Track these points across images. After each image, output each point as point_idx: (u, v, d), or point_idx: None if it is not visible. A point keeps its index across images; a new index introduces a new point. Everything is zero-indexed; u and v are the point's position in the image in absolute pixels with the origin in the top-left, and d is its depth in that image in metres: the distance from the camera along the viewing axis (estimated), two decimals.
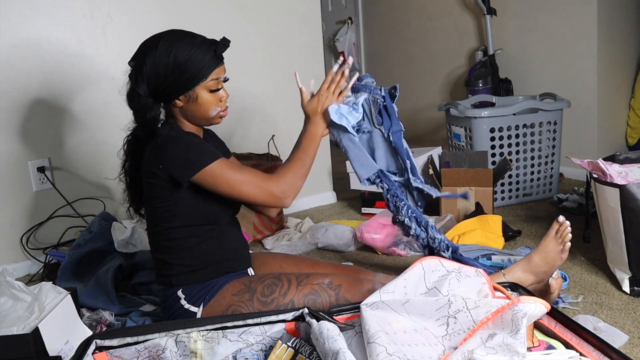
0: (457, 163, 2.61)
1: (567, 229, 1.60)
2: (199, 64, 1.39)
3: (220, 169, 1.38)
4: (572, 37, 3.09)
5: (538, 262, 1.60)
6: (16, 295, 1.49)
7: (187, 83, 1.40)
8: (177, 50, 1.38)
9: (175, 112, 1.46)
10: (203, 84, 1.41)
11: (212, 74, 1.41)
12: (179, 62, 1.38)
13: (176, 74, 1.38)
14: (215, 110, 1.46)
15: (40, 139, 2.33)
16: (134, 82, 1.41)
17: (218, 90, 1.44)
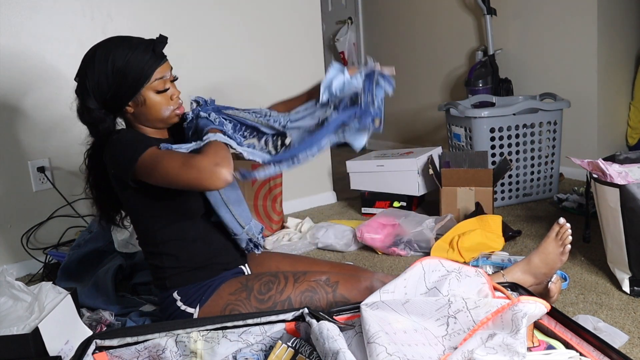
0: (457, 163, 2.61)
1: (567, 231, 1.60)
2: (138, 66, 1.36)
3: (150, 157, 1.31)
4: (572, 37, 3.09)
5: (538, 264, 1.60)
6: (16, 295, 1.49)
7: (131, 88, 1.37)
8: (114, 57, 1.35)
9: (130, 120, 1.44)
10: (148, 86, 1.38)
11: (154, 74, 1.38)
12: (118, 67, 1.35)
13: (118, 81, 1.36)
14: (168, 110, 1.42)
15: (40, 139, 2.33)
16: (81, 98, 1.41)
17: (166, 90, 1.41)
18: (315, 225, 2.49)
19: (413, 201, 2.78)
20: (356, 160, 2.87)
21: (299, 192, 2.99)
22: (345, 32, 4.58)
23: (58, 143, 2.37)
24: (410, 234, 2.25)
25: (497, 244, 2.13)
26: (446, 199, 2.53)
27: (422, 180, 2.71)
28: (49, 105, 2.32)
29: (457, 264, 1.27)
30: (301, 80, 3.01)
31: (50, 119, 2.33)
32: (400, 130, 4.43)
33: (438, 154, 2.79)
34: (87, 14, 2.36)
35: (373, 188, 2.80)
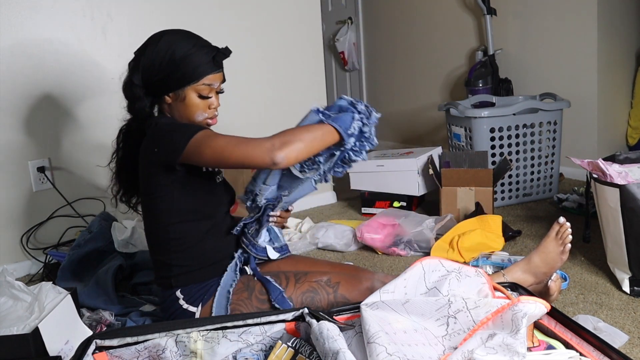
0: (457, 163, 2.61)
1: (567, 230, 1.60)
2: (193, 65, 1.39)
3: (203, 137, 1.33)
4: (572, 37, 3.09)
5: (538, 263, 1.60)
6: (16, 295, 1.49)
7: (178, 81, 1.40)
8: (177, 47, 1.39)
9: (164, 109, 1.47)
10: (193, 86, 1.41)
11: (204, 79, 1.41)
12: (175, 58, 1.38)
13: (169, 70, 1.39)
14: (202, 116, 1.45)
15: (40, 139, 2.33)
16: (130, 71, 1.44)
17: (208, 97, 1.44)
18: (315, 225, 2.49)
19: (413, 201, 2.78)
20: None
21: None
22: (345, 32, 4.57)
23: (58, 143, 2.37)
24: (410, 234, 2.25)
25: (497, 244, 2.13)
26: (446, 199, 2.53)
27: (422, 180, 2.71)
28: (49, 105, 2.32)
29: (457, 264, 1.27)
30: (301, 80, 3.03)
31: (50, 119, 2.34)
32: (400, 130, 4.43)
33: (438, 154, 2.79)
34: (87, 14, 2.36)
35: (373, 188, 2.80)
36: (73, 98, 2.38)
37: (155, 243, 1.50)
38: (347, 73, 4.81)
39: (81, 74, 2.38)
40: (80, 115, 2.40)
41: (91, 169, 2.45)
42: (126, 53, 2.45)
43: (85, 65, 2.38)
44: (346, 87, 4.87)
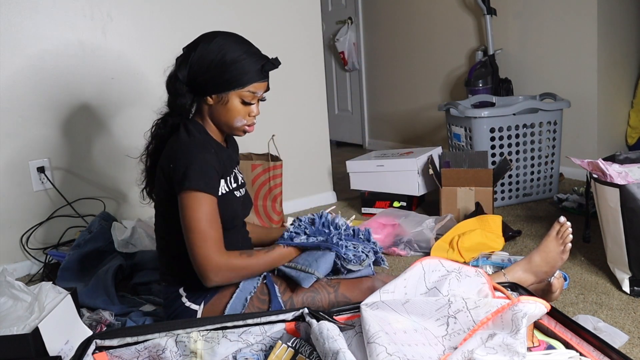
0: (457, 163, 2.61)
1: (568, 230, 1.60)
2: (242, 71, 1.39)
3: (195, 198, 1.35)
4: (572, 37, 3.09)
5: (539, 262, 1.60)
6: (16, 295, 1.49)
7: (224, 84, 1.40)
8: (228, 50, 1.39)
9: (204, 109, 1.46)
10: (238, 92, 1.41)
11: (250, 86, 1.41)
12: (225, 61, 1.38)
13: (217, 71, 1.39)
14: (241, 122, 1.45)
15: (40, 139, 2.33)
16: (177, 66, 1.43)
17: (251, 104, 1.44)
18: None
19: (413, 201, 2.78)
20: (356, 160, 2.87)
21: (299, 192, 2.99)
22: (345, 32, 4.57)
23: (58, 143, 2.37)
24: (410, 234, 2.25)
25: (497, 244, 2.13)
26: (446, 199, 2.53)
27: (422, 180, 2.71)
28: (49, 105, 2.32)
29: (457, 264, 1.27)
30: (301, 80, 3.03)
31: (50, 119, 2.34)
32: (400, 130, 4.43)
33: (438, 154, 2.79)
34: (87, 14, 2.36)
35: (373, 188, 2.80)
36: (73, 98, 2.38)
37: (165, 247, 1.50)
38: (347, 73, 4.81)
39: (81, 74, 2.38)
40: (80, 115, 2.40)
41: (91, 168, 2.45)
42: (126, 53, 2.47)
43: (85, 65, 2.38)
44: (346, 87, 4.87)
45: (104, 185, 2.46)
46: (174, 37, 2.44)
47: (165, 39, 2.47)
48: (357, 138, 4.88)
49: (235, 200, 1.51)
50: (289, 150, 2.80)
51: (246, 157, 2.60)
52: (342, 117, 4.98)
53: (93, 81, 2.40)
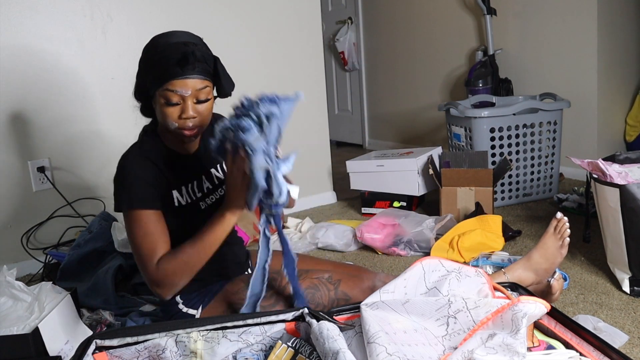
0: (457, 163, 2.61)
1: (565, 225, 1.61)
2: (160, 67, 1.26)
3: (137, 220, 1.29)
4: (572, 37, 3.09)
5: (538, 260, 1.61)
6: (16, 295, 1.49)
7: (149, 84, 1.30)
8: (152, 48, 1.30)
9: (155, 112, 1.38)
10: (159, 91, 1.28)
11: (168, 84, 1.25)
12: (148, 58, 1.30)
13: (144, 72, 1.31)
14: (172, 125, 1.30)
15: (40, 139, 2.33)
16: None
17: (174, 104, 1.27)
18: (315, 225, 2.49)
19: (413, 201, 2.78)
20: (356, 160, 2.87)
21: (299, 192, 2.99)
22: (345, 32, 4.57)
23: (58, 143, 2.37)
24: (410, 234, 2.25)
25: (497, 244, 2.13)
26: (446, 199, 2.53)
27: (422, 180, 2.71)
28: (49, 105, 2.32)
29: (457, 264, 1.27)
30: (301, 80, 3.02)
31: (50, 119, 2.34)
32: (400, 130, 4.43)
33: (438, 154, 2.79)
34: (87, 14, 2.36)
35: (373, 188, 2.80)
36: (73, 98, 2.38)
37: None
38: (347, 73, 4.81)
39: (81, 73, 2.38)
40: (80, 115, 2.40)
41: (91, 168, 2.45)
42: (126, 53, 2.46)
43: (85, 65, 2.38)
44: (346, 87, 4.87)
45: (104, 185, 2.46)
46: None
47: None
48: (357, 138, 4.88)
49: (198, 212, 1.41)
50: (289, 150, 2.80)
51: None
52: (342, 117, 4.98)
53: (93, 81, 2.40)
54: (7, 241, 2.29)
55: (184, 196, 1.39)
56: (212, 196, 1.46)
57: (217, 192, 1.48)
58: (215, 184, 1.47)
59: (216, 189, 1.48)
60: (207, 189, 1.45)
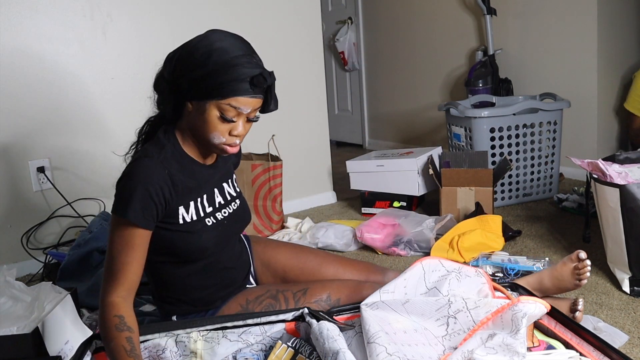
0: (457, 163, 2.61)
1: (586, 269, 1.51)
2: (225, 79, 1.17)
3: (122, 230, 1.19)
4: (572, 37, 3.09)
5: (549, 287, 1.54)
6: (16, 295, 1.50)
7: (203, 90, 1.18)
8: (217, 52, 1.18)
9: (184, 117, 1.27)
10: (217, 102, 1.18)
11: (231, 99, 1.18)
12: (208, 63, 1.17)
13: (199, 74, 1.18)
14: (218, 139, 1.23)
15: (40, 139, 2.33)
16: (165, 62, 1.25)
17: (231, 121, 1.21)
18: (315, 225, 2.49)
19: (413, 201, 2.78)
20: (356, 160, 2.87)
21: (299, 192, 2.99)
22: (345, 32, 4.57)
23: (58, 143, 2.37)
24: (410, 234, 2.25)
25: (497, 244, 2.13)
26: (446, 199, 2.53)
27: (422, 180, 2.71)
28: (49, 105, 2.32)
29: (457, 264, 1.27)
30: (301, 80, 3.02)
31: (50, 119, 2.33)
32: (400, 130, 4.43)
33: (438, 154, 2.79)
34: (87, 14, 2.36)
35: (373, 188, 2.80)
36: (73, 98, 2.38)
37: (151, 272, 1.38)
38: (347, 73, 4.81)
39: (81, 74, 2.38)
40: (80, 115, 2.40)
41: (91, 168, 2.45)
42: (126, 53, 2.47)
43: (85, 65, 2.38)
44: (346, 87, 4.87)
45: (104, 185, 2.46)
46: (174, 37, 2.43)
47: (165, 39, 2.47)
48: (357, 138, 4.88)
49: (204, 230, 1.32)
50: (289, 150, 2.80)
51: (246, 157, 2.61)
52: (342, 117, 4.98)
53: (93, 81, 2.40)
54: (7, 241, 2.29)
55: (190, 212, 1.30)
56: (224, 210, 1.38)
57: (229, 207, 1.40)
58: (227, 199, 1.40)
59: (228, 204, 1.40)
60: (218, 204, 1.37)
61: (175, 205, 1.27)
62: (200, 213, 1.32)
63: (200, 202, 1.33)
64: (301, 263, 1.55)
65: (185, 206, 1.29)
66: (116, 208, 1.20)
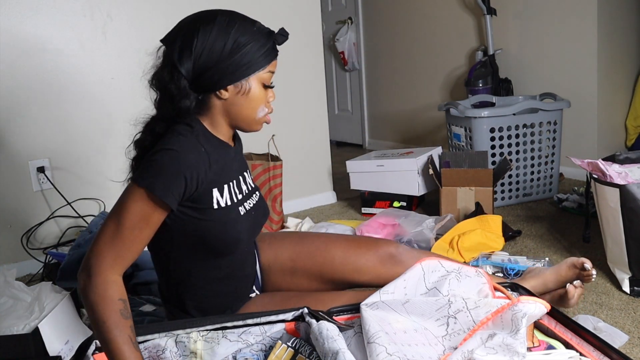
0: (457, 163, 2.61)
1: (591, 277, 1.52)
2: (258, 50, 1.17)
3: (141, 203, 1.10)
4: (572, 37, 3.09)
5: (552, 286, 1.56)
6: (16, 295, 1.50)
7: (243, 69, 1.16)
8: (238, 30, 1.16)
9: (213, 107, 1.21)
10: (258, 75, 1.19)
11: (269, 65, 1.20)
12: (240, 42, 1.15)
13: (234, 57, 1.15)
14: (263, 111, 1.23)
15: (40, 139, 2.33)
16: (177, 59, 1.15)
17: (271, 87, 1.23)
18: (315, 225, 2.49)
19: (413, 201, 2.78)
20: (356, 160, 2.87)
21: (299, 192, 2.99)
22: (345, 32, 4.57)
23: (58, 143, 2.37)
24: (410, 234, 2.25)
25: (497, 244, 2.13)
26: (446, 199, 2.53)
27: (422, 180, 2.71)
28: (49, 105, 2.32)
29: (457, 264, 1.27)
30: (301, 80, 3.02)
31: (50, 119, 2.34)
32: (400, 130, 4.43)
33: (438, 154, 2.79)
34: (87, 14, 2.36)
35: (373, 188, 2.80)
36: (73, 98, 2.38)
37: (162, 272, 1.32)
38: (347, 73, 4.81)
39: (81, 74, 2.38)
40: (80, 115, 2.40)
41: (91, 168, 2.45)
42: (126, 53, 2.46)
43: (85, 65, 2.38)
44: (346, 87, 4.87)
45: (104, 185, 2.46)
46: None
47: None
48: (357, 138, 4.88)
49: (238, 220, 1.26)
50: (289, 150, 2.80)
51: (246, 157, 2.61)
52: (342, 117, 4.98)
53: (93, 81, 2.40)
54: (7, 241, 2.29)
55: (225, 197, 1.24)
56: (249, 200, 1.33)
57: (252, 198, 1.35)
58: (250, 189, 1.35)
59: (251, 194, 1.35)
60: (246, 192, 1.32)
61: (209, 186, 1.19)
62: (234, 198, 1.26)
63: (233, 186, 1.27)
64: (307, 248, 1.48)
65: (219, 189, 1.22)
66: (142, 177, 1.10)
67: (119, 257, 1.09)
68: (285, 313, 1.21)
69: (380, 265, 1.39)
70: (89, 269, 1.07)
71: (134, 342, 1.05)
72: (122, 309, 1.05)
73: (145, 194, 1.09)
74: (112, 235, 1.09)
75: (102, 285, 1.06)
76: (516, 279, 1.63)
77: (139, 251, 1.12)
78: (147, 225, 1.11)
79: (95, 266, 1.07)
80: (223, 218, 1.22)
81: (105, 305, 1.04)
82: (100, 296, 1.05)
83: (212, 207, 1.21)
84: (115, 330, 1.03)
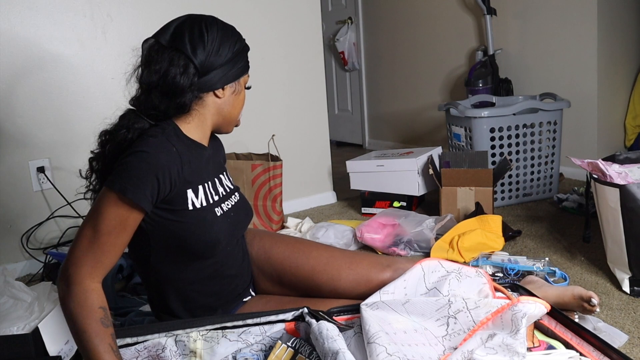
0: (457, 163, 2.61)
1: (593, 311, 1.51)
2: (246, 54, 1.27)
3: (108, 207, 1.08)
4: (572, 37, 3.09)
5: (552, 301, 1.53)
6: (16, 295, 1.50)
7: (239, 71, 1.24)
8: (235, 34, 1.25)
9: (206, 106, 1.22)
10: (244, 77, 1.28)
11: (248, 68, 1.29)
12: (239, 46, 1.24)
13: (234, 59, 1.22)
14: (239, 114, 1.31)
15: (40, 139, 2.33)
16: (190, 51, 1.16)
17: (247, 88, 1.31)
18: (315, 225, 2.49)
19: (413, 201, 2.78)
20: (356, 160, 2.87)
21: (299, 192, 2.99)
22: (345, 32, 4.57)
23: (58, 143, 2.37)
24: (410, 234, 2.25)
25: (497, 244, 2.13)
26: (446, 199, 2.53)
27: (422, 180, 2.71)
28: (49, 105, 2.32)
29: (457, 265, 1.27)
30: (301, 80, 3.02)
31: (50, 119, 2.33)
32: (400, 130, 4.43)
33: (438, 154, 2.79)
34: (87, 14, 2.36)
35: (373, 188, 2.80)
36: (73, 98, 2.38)
37: (145, 278, 1.30)
38: (347, 73, 4.81)
39: (81, 74, 2.38)
40: (80, 115, 2.40)
41: None
42: (126, 53, 2.45)
43: (85, 65, 2.38)
44: (346, 87, 4.87)
45: None
46: None
47: None
48: (357, 138, 4.88)
49: (215, 221, 1.23)
50: (289, 150, 2.80)
51: (246, 157, 2.61)
52: (342, 117, 4.98)
53: (93, 81, 2.40)
54: (7, 241, 2.29)
55: (200, 197, 1.22)
56: (227, 202, 1.31)
57: (231, 199, 1.33)
58: (227, 191, 1.34)
59: (229, 196, 1.33)
60: (222, 194, 1.30)
61: (183, 187, 1.18)
62: (209, 199, 1.24)
63: (208, 187, 1.25)
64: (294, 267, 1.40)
65: (194, 190, 1.21)
66: (114, 182, 1.08)
67: (97, 263, 1.08)
68: (285, 313, 1.21)
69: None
70: (67, 278, 1.06)
71: (114, 350, 1.04)
72: (102, 317, 1.04)
73: (119, 198, 1.08)
74: (89, 242, 1.08)
75: (82, 294, 1.05)
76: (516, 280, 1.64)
77: (118, 256, 1.11)
78: (123, 230, 1.10)
79: (73, 274, 1.06)
80: (198, 219, 1.20)
81: (86, 314, 1.03)
82: (80, 305, 1.04)
83: (187, 209, 1.19)
84: (96, 339, 1.02)
